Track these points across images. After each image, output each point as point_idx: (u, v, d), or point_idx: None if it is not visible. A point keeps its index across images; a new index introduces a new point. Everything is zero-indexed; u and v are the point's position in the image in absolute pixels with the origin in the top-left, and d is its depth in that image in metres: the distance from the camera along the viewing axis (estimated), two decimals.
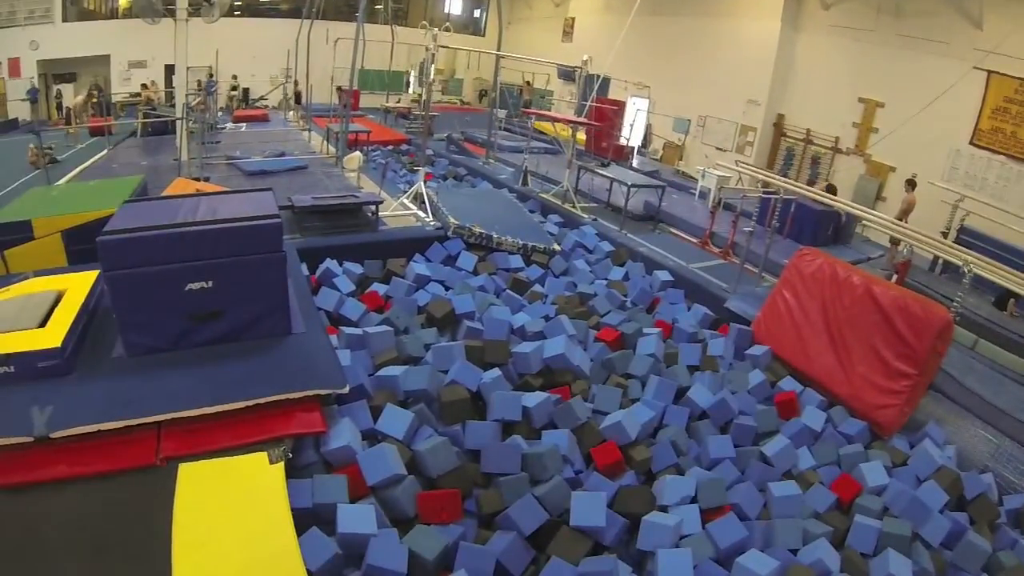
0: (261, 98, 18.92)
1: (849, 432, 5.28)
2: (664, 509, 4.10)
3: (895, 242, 9.82)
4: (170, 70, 13.80)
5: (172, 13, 9.78)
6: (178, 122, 10.35)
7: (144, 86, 17.24)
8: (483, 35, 26.48)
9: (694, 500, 4.18)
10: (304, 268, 6.10)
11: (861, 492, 4.55)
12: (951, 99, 10.53)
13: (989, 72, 11.93)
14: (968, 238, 9.96)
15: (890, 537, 4.07)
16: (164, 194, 6.58)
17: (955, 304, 5.97)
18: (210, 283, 4.05)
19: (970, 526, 4.41)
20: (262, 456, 3.44)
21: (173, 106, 12.28)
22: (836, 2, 14.80)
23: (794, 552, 3.96)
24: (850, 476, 4.70)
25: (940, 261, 9.80)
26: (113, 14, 19.21)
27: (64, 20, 17.84)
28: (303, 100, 18.20)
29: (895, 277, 7.99)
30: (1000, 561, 4.14)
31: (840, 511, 4.46)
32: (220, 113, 16.60)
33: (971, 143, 12.61)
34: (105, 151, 11.79)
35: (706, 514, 4.09)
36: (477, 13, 27.19)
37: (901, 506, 4.35)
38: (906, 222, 8.94)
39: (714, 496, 4.21)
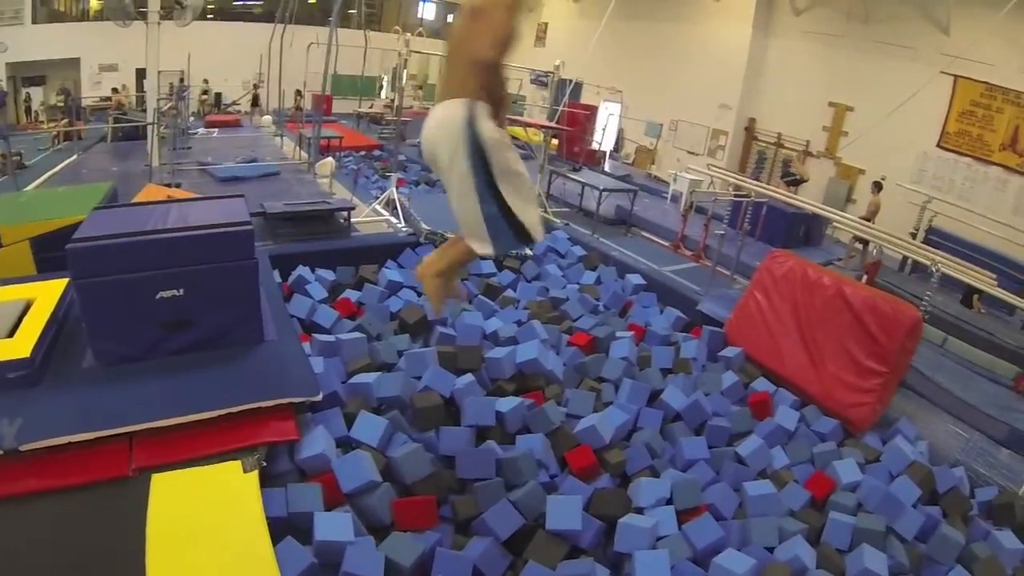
0: (234, 103, 18.74)
1: (822, 430, 5.35)
2: (640, 511, 4.09)
3: (862, 242, 10.03)
4: (141, 74, 13.61)
5: (144, 16, 9.65)
6: (149, 127, 10.20)
7: (115, 90, 16.91)
8: None
9: (670, 502, 4.19)
10: (276, 275, 6.02)
11: (835, 489, 4.60)
12: (919, 103, 10.76)
13: (956, 77, 12.24)
14: (936, 238, 10.22)
15: (865, 532, 4.12)
16: (134, 201, 6.48)
17: (924, 303, 6.10)
18: (181, 291, 3.97)
19: (943, 519, 4.48)
20: (236, 465, 3.37)
21: (144, 111, 12.11)
22: (807, 8, 15.08)
23: (770, 550, 3.98)
24: (824, 474, 4.75)
25: (909, 261, 10.00)
26: (84, 16, 18.88)
27: (34, 22, 17.43)
28: (260, 103, 18.15)
29: (865, 277, 8.15)
30: (973, 552, 4.21)
31: (815, 508, 4.50)
32: (192, 118, 16.41)
33: (938, 146, 12.95)
34: (74, 156, 11.60)
35: (682, 515, 4.10)
36: (450, 18, 27.11)
37: (875, 502, 4.40)
38: (872, 223, 9.10)
39: (689, 497, 4.22)
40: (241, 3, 22.29)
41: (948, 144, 12.87)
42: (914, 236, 9.97)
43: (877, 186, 10.82)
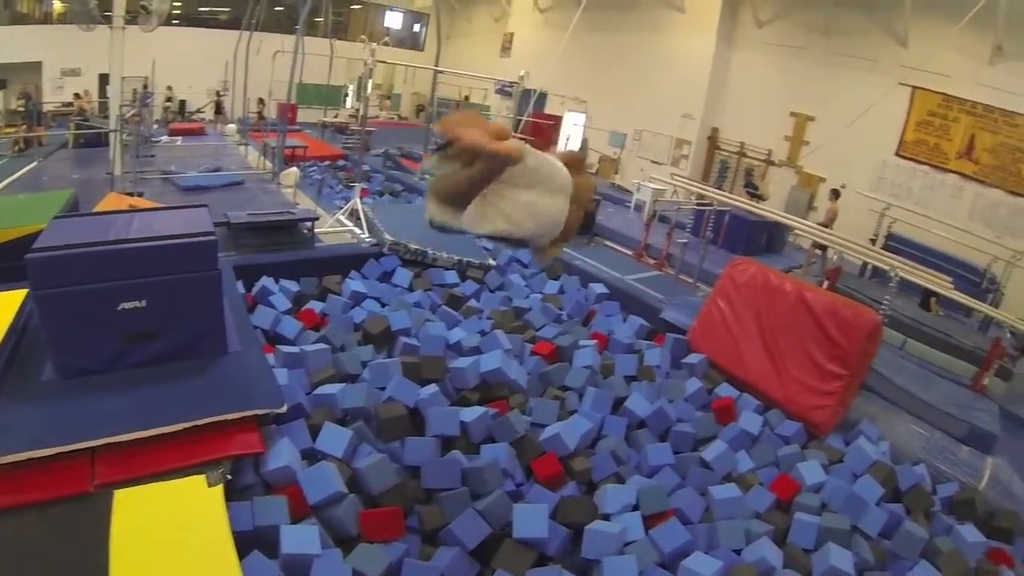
0: (198, 111, 18.49)
1: (786, 434, 5.43)
2: (607, 517, 4.11)
3: (820, 248, 10.25)
4: (105, 79, 13.33)
5: (108, 20, 9.48)
6: (112, 134, 10.02)
7: (77, 95, 16.59)
8: (422, 50, 26.32)
9: (636, 507, 4.21)
10: (240, 286, 5.95)
11: (800, 490, 4.67)
12: (878, 113, 11.04)
13: (914, 88, 12.62)
14: (895, 244, 10.50)
15: (830, 531, 4.20)
16: (96, 209, 6.37)
17: (884, 307, 6.26)
18: (144, 302, 3.90)
19: (906, 516, 4.59)
20: (200, 479, 3.32)
21: (107, 117, 11.88)
22: (769, 20, 15.40)
23: (738, 552, 4.03)
24: (788, 476, 4.82)
25: (869, 266, 10.24)
26: (47, 19, 18.45)
27: None
28: (224, 111, 17.95)
29: (826, 283, 8.31)
30: (937, 546, 4.33)
31: (780, 510, 4.57)
32: (155, 126, 16.14)
33: (897, 154, 13.31)
34: (35, 163, 11.34)
35: (649, 520, 4.13)
36: (417, 28, 27.08)
37: (839, 501, 4.50)
38: (831, 229, 9.31)
39: (655, 502, 4.25)
40: (207, 9, 22.01)
41: (906, 153, 13.24)
42: (874, 242, 10.21)
43: (835, 193, 11.07)
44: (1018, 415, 6.93)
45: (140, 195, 8.20)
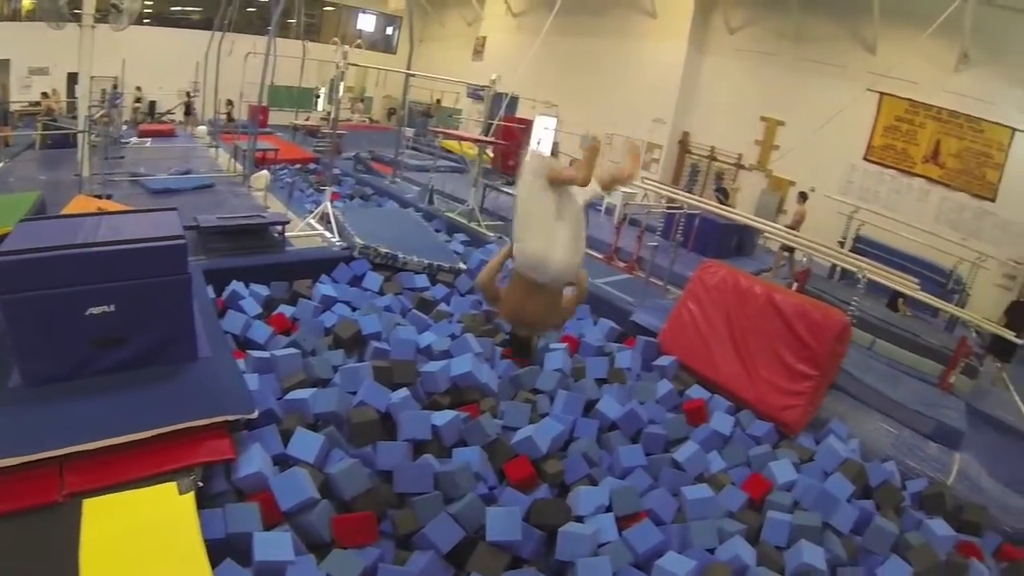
0: (168, 112, 18.20)
1: (757, 434, 5.50)
2: (580, 519, 4.13)
3: (788, 250, 10.40)
4: (73, 79, 13.04)
5: (78, 18, 9.29)
6: (80, 135, 9.80)
7: (45, 95, 16.18)
8: (394, 53, 26.25)
9: (609, 509, 4.24)
10: (210, 290, 5.90)
11: (772, 489, 4.74)
12: (846, 118, 11.22)
13: (881, 94, 12.92)
14: (863, 246, 10.66)
15: (802, 529, 4.27)
16: (64, 212, 6.27)
17: (852, 308, 6.35)
18: (112, 307, 3.84)
19: (877, 512, 4.68)
20: (171, 487, 3.28)
21: (75, 117, 11.63)
22: (740, 27, 15.61)
23: (711, 551, 4.08)
24: (760, 475, 4.89)
25: (838, 269, 10.40)
26: (15, 16, 17.98)
27: None
28: (193, 112, 17.73)
29: (795, 285, 8.43)
30: (907, 541, 4.42)
31: (753, 509, 4.63)
32: (124, 127, 15.86)
33: (865, 159, 13.61)
34: (0, 164, 11.06)
35: (622, 521, 4.16)
36: (389, 31, 26.97)
37: (810, 499, 4.58)
38: (798, 232, 9.44)
39: (628, 504, 4.28)
40: (179, 9, 21.71)
41: (874, 157, 13.53)
42: (842, 244, 10.38)
43: (803, 196, 11.24)
44: (984, 411, 7.09)
45: (109, 197, 8.03)
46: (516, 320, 3.08)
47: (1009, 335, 7.34)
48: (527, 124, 16.61)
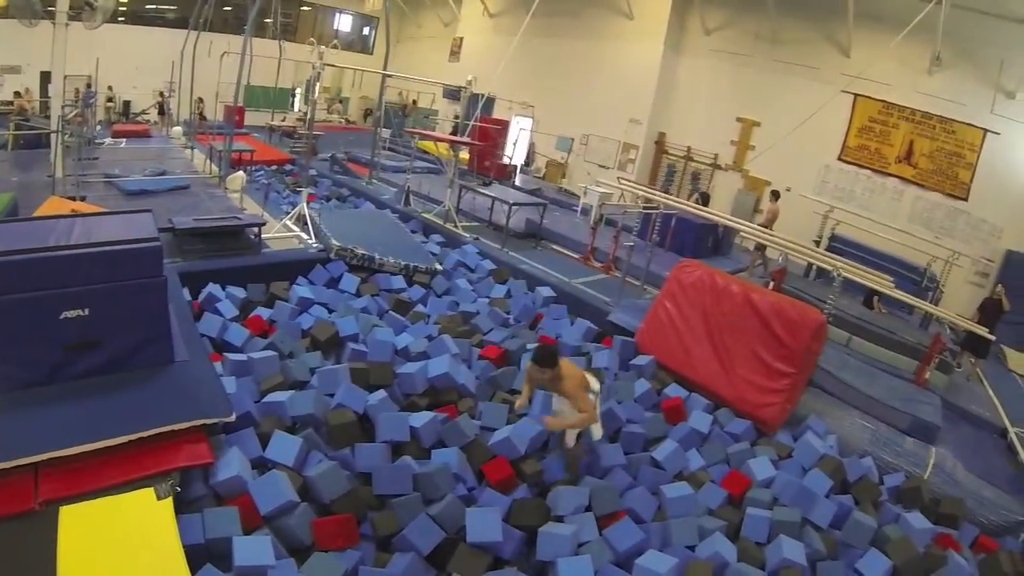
0: (143, 112, 17.94)
1: (735, 431, 5.55)
2: (560, 519, 4.14)
3: (761, 248, 10.52)
4: (46, 78, 12.81)
5: (51, 16, 9.12)
6: (53, 135, 9.63)
7: (17, 94, 15.89)
8: (371, 53, 26.11)
9: (589, 508, 4.26)
10: (186, 292, 5.83)
11: (751, 486, 4.79)
12: (821, 119, 11.40)
13: (855, 95, 13.14)
14: (838, 245, 10.82)
15: (782, 524, 4.32)
16: (36, 214, 6.18)
17: (828, 306, 6.43)
18: (87, 311, 3.79)
19: (855, 506, 4.75)
20: (149, 492, 3.23)
21: (48, 117, 11.44)
22: (717, 28, 15.75)
23: (692, 548, 4.11)
24: (739, 472, 4.94)
25: (814, 267, 10.53)
26: None
27: None
28: (167, 112, 17.55)
29: (772, 284, 8.52)
30: (886, 534, 4.49)
31: (732, 506, 4.67)
32: (98, 127, 15.61)
33: (839, 159, 13.84)
34: None
35: (602, 520, 4.18)
36: (366, 31, 26.81)
37: (789, 495, 4.62)
38: (771, 229, 9.54)
39: (608, 503, 4.31)
40: (154, 7, 21.41)
41: (848, 157, 13.74)
42: (818, 243, 10.54)
43: (775, 195, 11.38)
44: (959, 406, 7.23)
45: (83, 199, 7.90)
46: None
47: (983, 331, 7.47)
48: (504, 125, 16.62)
